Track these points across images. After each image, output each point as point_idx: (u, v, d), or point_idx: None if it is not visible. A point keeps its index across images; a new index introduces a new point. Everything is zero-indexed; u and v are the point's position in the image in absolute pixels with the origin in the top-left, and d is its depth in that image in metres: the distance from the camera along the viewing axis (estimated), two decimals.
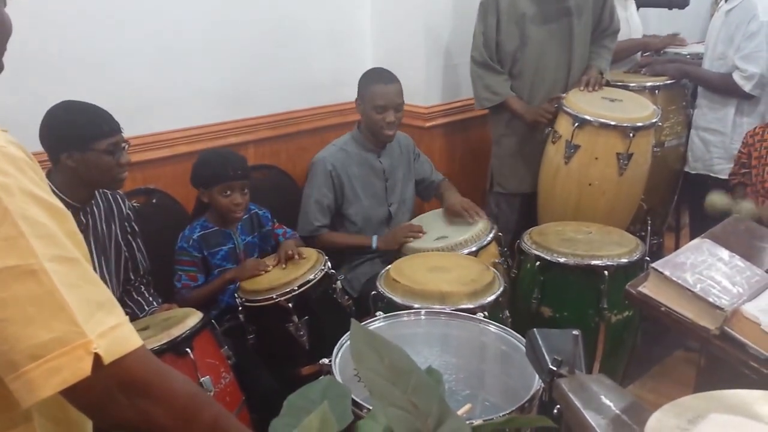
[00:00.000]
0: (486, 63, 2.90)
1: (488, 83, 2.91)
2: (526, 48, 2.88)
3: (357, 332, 0.68)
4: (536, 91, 2.93)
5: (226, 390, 1.93)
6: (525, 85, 2.94)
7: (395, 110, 2.65)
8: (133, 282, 2.20)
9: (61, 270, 0.77)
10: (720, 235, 1.67)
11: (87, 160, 1.86)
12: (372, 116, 2.65)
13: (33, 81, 2.12)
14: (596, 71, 2.95)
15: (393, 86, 2.65)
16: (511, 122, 2.98)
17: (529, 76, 2.92)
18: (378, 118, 2.64)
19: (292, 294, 2.18)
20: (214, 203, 2.34)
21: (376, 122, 2.65)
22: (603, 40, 3.03)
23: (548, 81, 2.93)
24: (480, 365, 1.87)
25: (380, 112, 2.63)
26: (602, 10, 2.98)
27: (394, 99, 2.64)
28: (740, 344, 1.35)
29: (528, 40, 2.86)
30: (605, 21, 3.00)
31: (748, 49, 2.86)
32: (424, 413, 0.62)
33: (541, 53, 2.88)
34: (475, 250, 2.47)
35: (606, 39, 3.03)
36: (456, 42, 3.18)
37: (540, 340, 1.05)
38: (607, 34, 3.03)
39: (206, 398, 0.91)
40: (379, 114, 2.63)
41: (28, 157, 0.82)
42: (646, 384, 2.88)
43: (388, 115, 2.63)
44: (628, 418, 0.86)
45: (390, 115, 2.64)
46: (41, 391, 0.74)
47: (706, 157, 3.11)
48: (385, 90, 2.62)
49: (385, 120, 2.64)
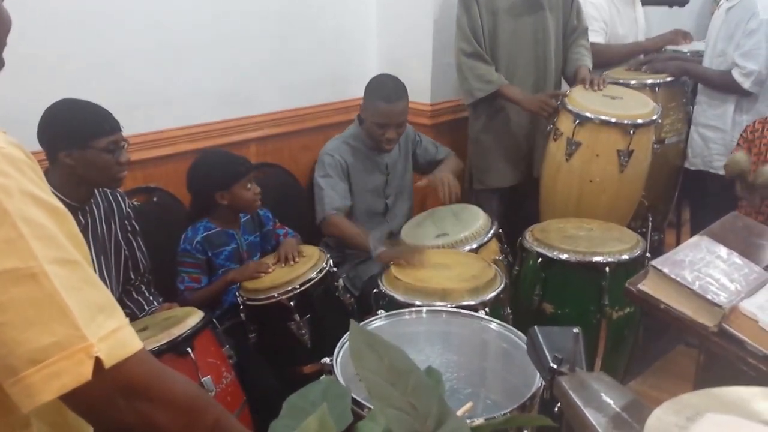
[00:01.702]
0: (477, 53, 2.87)
1: (480, 73, 2.88)
2: (498, 40, 2.89)
3: (356, 333, 0.68)
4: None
5: (227, 390, 1.93)
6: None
7: (397, 127, 2.65)
8: (133, 281, 2.19)
9: (62, 272, 0.76)
10: (718, 233, 1.67)
11: (86, 158, 1.85)
12: (373, 129, 2.65)
13: (32, 79, 2.10)
14: (587, 70, 2.96)
15: (397, 105, 2.62)
16: (492, 119, 2.98)
17: (501, 70, 2.92)
18: (378, 132, 2.64)
19: (294, 292, 2.19)
20: (236, 201, 2.33)
21: (377, 135, 2.65)
22: (579, 40, 3.05)
23: (520, 75, 2.94)
24: (481, 363, 1.88)
25: (381, 128, 2.63)
26: (571, 9, 3.00)
27: (396, 118, 2.63)
28: (738, 341, 1.35)
29: (502, 32, 2.87)
30: (573, 20, 3.02)
31: (748, 47, 2.86)
32: (423, 414, 0.62)
33: (515, 46, 2.89)
34: (475, 247, 2.48)
35: (581, 38, 3.06)
36: None
37: (541, 338, 1.05)
38: (579, 34, 3.05)
39: (207, 400, 0.90)
40: (380, 129, 2.63)
41: (28, 158, 0.81)
42: (648, 380, 2.88)
43: (389, 132, 2.63)
44: (629, 416, 0.87)
45: (391, 132, 2.64)
46: (41, 396, 0.73)
47: (706, 153, 3.11)
48: (388, 110, 2.60)
49: (385, 136, 2.64)
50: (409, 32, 3.12)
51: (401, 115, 2.65)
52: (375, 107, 2.62)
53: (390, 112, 2.61)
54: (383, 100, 2.60)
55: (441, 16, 3.08)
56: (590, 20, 3.22)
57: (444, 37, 3.11)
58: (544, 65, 2.97)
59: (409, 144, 2.89)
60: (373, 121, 2.63)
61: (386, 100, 2.60)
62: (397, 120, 2.63)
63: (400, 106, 2.63)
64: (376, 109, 2.62)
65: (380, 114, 2.61)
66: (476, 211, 2.71)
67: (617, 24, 3.40)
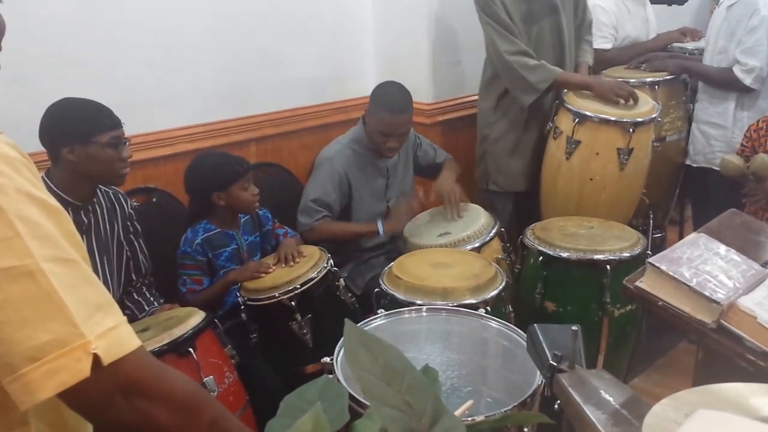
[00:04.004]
0: (521, 50, 2.76)
1: (534, 66, 2.76)
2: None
3: (351, 332, 0.68)
4: None
5: (229, 390, 1.93)
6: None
7: (400, 136, 2.66)
8: (134, 283, 2.20)
9: (59, 271, 0.76)
10: (716, 230, 1.67)
11: (89, 154, 1.86)
12: (376, 135, 2.65)
13: (31, 80, 2.11)
14: (587, 67, 2.96)
15: (402, 117, 2.62)
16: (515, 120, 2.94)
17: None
18: (381, 140, 2.65)
19: (295, 292, 2.19)
20: (234, 202, 2.33)
21: (379, 142, 2.66)
22: (585, 35, 3.04)
23: None
24: (482, 361, 1.88)
25: (384, 137, 2.64)
26: (577, 2, 2.98)
27: (400, 129, 2.64)
28: (737, 337, 1.36)
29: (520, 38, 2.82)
30: (580, 14, 3.01)
31: (749, 43, 2.87)
32: (418, 413, 0.62)
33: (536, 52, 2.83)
34: (477, 246, 2.48)
35: (586, 33, 3.05)
36: (459, 38, 3.17)
37: (540, 336, 1.05)
38: (585, 28, 3.04)
39: (207, 398, 0.90)
40: (383, 138, 2.64)
41: (24, 157, 0.81)
42: (651, 377, 2.88)
43: (391, 141, 2.64)
44: (628, 413, 0.87)
45: (393, 141, 2.65)
46: (40, 393, 0.73)
47: (708, 150, 3.11)
48: (392, 120, 2.61)
49: (387, 145, 2.65)
50: (406, 31, 3.11)
51: (405, 125, 2.66)
52: (379, 117, 2.62)
53: (394, 123, 2.61)
54: (388, 111, 2.60)
55: (438, 15, 3.08)
56: (600, 26, 3.22)
57: (442, 36, 3.11)
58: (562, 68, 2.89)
59: (410, 146, 2.89)
60: (377, 129, 2.64)
61: (391, 112, 2.60)
62: (401, 130, 2.65)
63: (404, 117, 2.64)
64: (380, 119, 2.62)
65: (384, 124, 2.62)
66: (478, 209, 2.72)
67: (628, 25, 3.39)
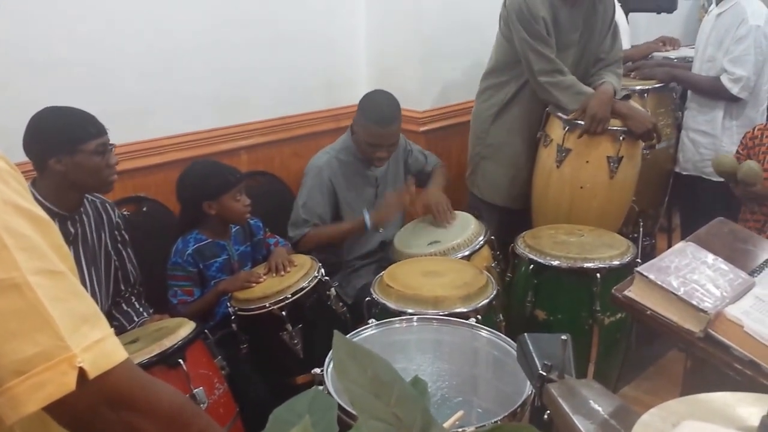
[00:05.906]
0: (558, 68, 2.68)
1: (567, 87, 2.68)
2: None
3: (339, 343, 0.68)
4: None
5: (219, 401, 1.92)
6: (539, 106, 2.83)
7: (389, 147, 2.65)
8: (123, 293, 2.18)
9: (45, 283, 0.75)
10: (704, 239, 1.68)
11: (76, 163, 1.86)
12: (364, 146, 2.65)
13: (18, 88, 2.10)
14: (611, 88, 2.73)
15: (390, 128, 2.61)
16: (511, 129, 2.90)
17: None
18: (369, 150, 2.64)
19: (286, 302, 2.18)
20: (225, 212, 2.32)
21: (368, 152, 2.66)
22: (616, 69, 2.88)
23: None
24: (473, 371, 1.88)
25: (372, 147, 2.63)
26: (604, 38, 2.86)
27: (388, 140, 2.63)
28: (724, 346, 1.36)
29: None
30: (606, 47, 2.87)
31: (737, 53, 2.89)
32: (407, 425, 0.62)
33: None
34: (467, 254, 2.48)
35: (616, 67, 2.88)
36: (450, 46, 3.17)
37: (530, 345, 1.05)
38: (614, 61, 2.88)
39: (195, 410, 0.90)
40: (371, 148, 2.63)
41: (11, 167, 0.80)
42: (642, 385, 2.89)
43: (380, 151, 2.64)
44: (617, 423, 0.87)
45: (382, 152, 2.64)
46: (26, 407, 0.73)
47: (697, 158, 3.13)
48: (380, 132, 2.60)
49: (376, 154, 2.64)
50: (398, 40, 3.12)
51: (394, 136, 2.65)
52: (367, 128, 2.61)
53: (382, 134, 2.61)
54: (376, 123, 2.59)
55: (430, 23, 3.08)
56: None
57: (433, 44, 3.12)
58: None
59: (401, 153, 2.88)
60: (365, 140, 2.63)
61: (379, 123, 2.59)
62: (389, 141, 2.64)
63: (393, 128, 2.63)
64: (368, 130, 2.61)
65: (372, 135, 2.61)
66: (468, 218, 2.71)
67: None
